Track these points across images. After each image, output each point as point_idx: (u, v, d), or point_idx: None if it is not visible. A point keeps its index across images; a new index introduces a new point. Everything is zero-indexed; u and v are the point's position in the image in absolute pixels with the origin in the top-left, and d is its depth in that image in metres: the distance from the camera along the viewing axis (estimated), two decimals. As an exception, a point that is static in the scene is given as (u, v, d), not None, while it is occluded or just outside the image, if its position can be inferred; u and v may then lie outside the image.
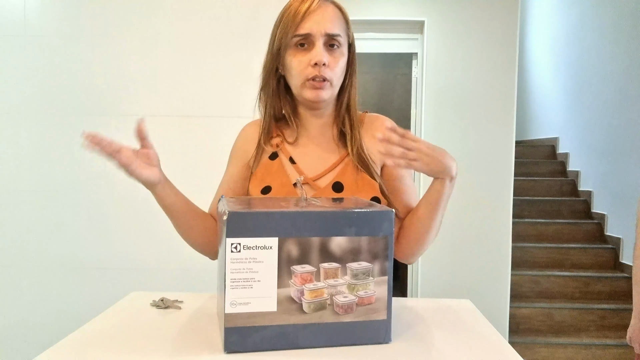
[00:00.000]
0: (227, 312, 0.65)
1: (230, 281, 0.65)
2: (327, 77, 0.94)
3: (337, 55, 0.96)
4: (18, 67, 1.89)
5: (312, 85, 0.95)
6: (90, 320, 0.80)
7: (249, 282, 0.65)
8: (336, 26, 0.95)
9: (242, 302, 0.65)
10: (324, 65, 0.93)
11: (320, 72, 0.93)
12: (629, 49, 3.68)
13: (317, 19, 0.93)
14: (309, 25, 0.93)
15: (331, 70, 0.95)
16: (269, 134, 1.04)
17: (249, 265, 0.65)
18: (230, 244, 0.64)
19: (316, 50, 0.93)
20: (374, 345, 0.71)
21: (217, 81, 1.89)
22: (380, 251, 0.70)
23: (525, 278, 3.53)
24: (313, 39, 0.93)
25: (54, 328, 1.91)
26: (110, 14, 1.88)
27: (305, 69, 0.94)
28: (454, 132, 3.10)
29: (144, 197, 1.90)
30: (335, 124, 1.04)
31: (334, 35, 0.94)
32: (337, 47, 0.95)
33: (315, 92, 0.95)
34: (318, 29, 0.93)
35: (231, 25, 1.88)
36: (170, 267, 1.89)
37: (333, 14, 0.95)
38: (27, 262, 1.92)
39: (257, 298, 0.66)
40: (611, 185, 3.84)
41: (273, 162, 1.02)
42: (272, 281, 0.66)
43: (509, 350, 0.70)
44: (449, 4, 3.10)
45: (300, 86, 0.96)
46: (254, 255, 0.65)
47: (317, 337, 0.69)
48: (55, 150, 1.90)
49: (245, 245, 0.65)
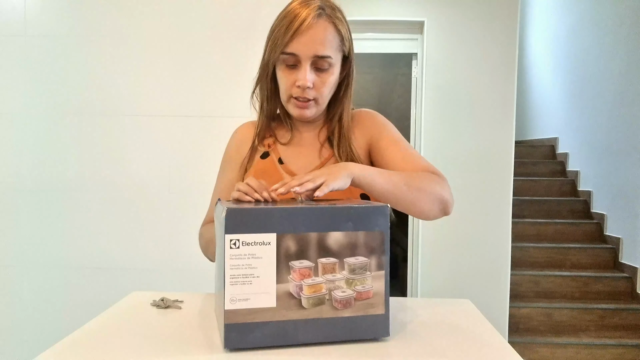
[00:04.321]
0: (227, 308, 0.65)
1: (230, 277, 0.65)
2: (311, 97, 0.94)
3: (325, 77, 0.94)
4: (18, 67, 1.89)
5: (296, 104, 0.95)
6: (90, 320, 0.80)
7: (248, 278, 0.65)
8: (327, 47, 0.92)
9: (241, 299, 0.65)
10: (309, 88, 0.93)
11: (303, 94, 0.93)
12: (629, 49, 3.68)
13: (305, 40, 0.90)
14: (297, 47, 0.91)
15: (317, 90, 0.94)
16: (263, 134, 1.04)
17: (248, 261, 0.65)
18: (229, 241, 0.64)
19: (302, 73, 0.92)
20: (373, 342, 0.71)
21: (217, 81, 1.89)
22: (377, 246, 0.71)
23: (524, 278, 3.53)
24: (300, 59, 0.92)
25: (54, 328, 1.91)
26: (110, 14, 1.88)
27: (290, 87, 0.94)
28: (453, 132, 3.10)
29: (144, 197, 1.91)
30: (327, 129, 1.04)
31: (324, 56, 0.92)
32: (327, 68, 0.93)
33: (299, 111, 0.96)
34: (305, 52, 0.91)
35: (231, 25, 1.88)
36: (170, 267, 1.89)
37: (325, 34, 0.91)
38: (27, 262, 1.92)
39: (256, 294, 0.66)
40: (611, 185, 3.84)
41: (265, 161, 1.02)
42: (271, 277, 0.66)
43: (508, 350, 0.70)
44: (449, 4, 3.10)
45: (286, 102, 0.97)
46: (253, 252, 0.65)
47: (316, 333, 0.69)
48: (55, 150, 1.90)
49: (244, 241, 0.65)
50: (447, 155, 3.11)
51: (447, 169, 3.15)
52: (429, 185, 0.90)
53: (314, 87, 0.94)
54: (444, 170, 3.75)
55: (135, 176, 1.91)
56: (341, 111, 1.01)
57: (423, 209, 0.90)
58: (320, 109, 0.99)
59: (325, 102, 0.98)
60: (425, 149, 3.14)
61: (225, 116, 1.88)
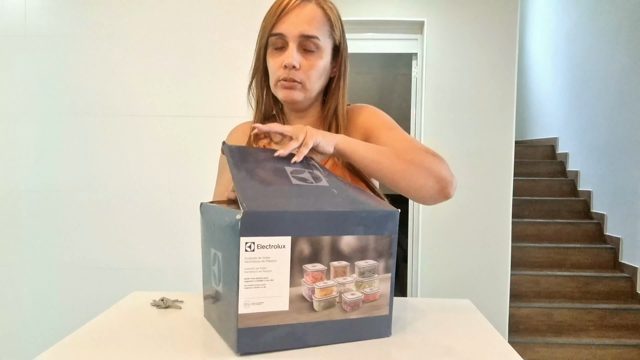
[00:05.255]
0: (241, 312, 0.64)
1: (244, 281, 0.63)
2: (298, 80, 0.93)
3: (313, 59, 0.93)
4: (18, 67, 1.89)
5: (283, 85, 0.94)
6: (91, 320, 0.80)
7: (262, 282, 0.64)
8: (313, 27, 0.91)
9: (255, 302, 0.64)
10: (294, 68, 0.92)
11: (289, 75, 0.93)
12: (628, 49, 3.68)
13: (292, 19, 0.91)
14: (283, 26, 0.91)
15: (304, 73, 0.93)
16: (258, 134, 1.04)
17: (263, 264, 0.64)
18: (244, 243, 0.63)
19: (288, 52, 0.92)
20: (374, 341, 0.71)
21: (217, 81, 1.89)
22: (385, 249, 0.72)
23: (524, 278, 3.53)
24: (287, 39, 0.92)
25: (54, 328, 1.91)
26: (110, 14, 1.88)
27: (277, 70, 0.94)
28: (453, 132, 3.10)
29: (144, 197, 1.91)
30: (322, 126, 1.03)
31: (310, 36, 0.91)
32: (315, 50, 0.93)
33: (286, 92, 0.95)
34: (291, 30, 0.91)
35: (231, 25, 1.88)
36: (170, 267, 1.89)
37: (312, 15, 0.92)
38: (27, 262, 1.92)
39: (270, 297, 0.65)
40: (611, 185, 3.84)
41: None
42: (285, 280, 0.66)
43: (508, 350, 0.70)
44: (449, 4, 3.10)
45: (274, 86, 0.97)
46: (267, 255, 0.64)
47: (324, 335, 0.69)
48: (55, 150, 1.90)
49: (259, 244, 0.64)
50: (447, 155, 3.09)
51: (447, 169, 3.15)
52: (423, 159, 0.85)
53: (301, 69, 0.93)
54: (444, 170, 3.64)
55: (135, 176, 1.91)
56: (336, 105, 1.00)
57: (416, 183, 0.84)
58: (309, 96, 0.97)
59: (314, 88, 0.96)
60: (425, 149, 3.14)
61: (225, 116, 1.88)
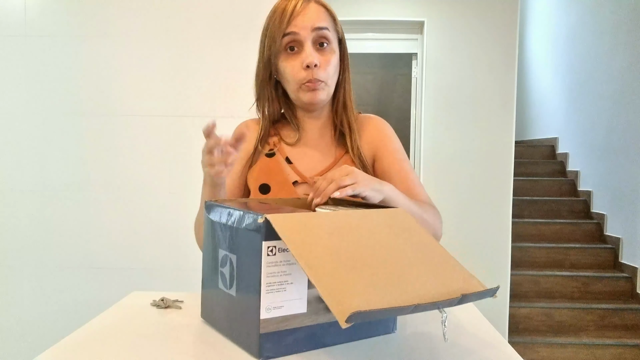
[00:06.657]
0: (263, 317, 0.63)
1: (266, 286, 0.63)
2: (321, 79, 0.95)
3: (328, 54, 0.96)
4: (18, 67, 1.89)
5: (308, 87, 0.95)
6: (90, 320, 0.80)
7: (282, 286, 0.64)
8: (323, 20, 0.95)
9: (276, 306, 0.64)
10: (316, 67, 0.93)
11: (313, 76, 0.94)
12: (628, 49, 3.68)
13: (302, 18, 0.94)
14: (295, 26, 0.93)
15: (324, 70, 0.95)
16: (266, 138, 1.04)
17: (283, 268, 0.64)
18: (266, 248, 0.62)
19: (306, 52, 0.93)
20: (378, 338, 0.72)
21: (217, 81, 1.89)
22: None
23: (525, 278, 3.53)
24: (301, 38, 0.94)
25: (54, 328, 1.91)
26: (110, 14, 1.88)
27: (298, 73, 0.95)
28: (453, 132, 3.10)
29: (144, 197, 1.91)
30: (334, 124, 1.05)
31: (322, 27, 0.94)
32: (327, 44, 0.96)
33: (312, 94, 0.96)
34: (304, 25, 0.93)
35: (231, 25, 1.88)
36: (170, 267, 1.89)
37: (318, 11, 0.96)
38: (27, 262, 1.92)
39: (289, 301, 0.65)
40: (611, 185, 3.84)
41: (270, 160, 1.02)
42: (304, 282, 0.66)
43: (508, 350, 0.70)
44: (449, 4, 3.10)
45: (296, 90, 0.97)
46: (287, 258, 0.64)
47: (340, 334, 0.70)
48: (55, 150, 1.90)
49: (280, 247, 0.64)
50: (447, 155, 3.11)
51: (447, 169, 3.15)
52: (432, 219, 0.97)
53: (321, 67, 0.95)
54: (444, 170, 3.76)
55: (135, 176, 1.91)
56: (344, 98, 1.03)
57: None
58: (330, 92, 0.99)
59: (333, 84, 0.99)
60: (425, 149, 3.14)
61: (225, 116, 1.88)
